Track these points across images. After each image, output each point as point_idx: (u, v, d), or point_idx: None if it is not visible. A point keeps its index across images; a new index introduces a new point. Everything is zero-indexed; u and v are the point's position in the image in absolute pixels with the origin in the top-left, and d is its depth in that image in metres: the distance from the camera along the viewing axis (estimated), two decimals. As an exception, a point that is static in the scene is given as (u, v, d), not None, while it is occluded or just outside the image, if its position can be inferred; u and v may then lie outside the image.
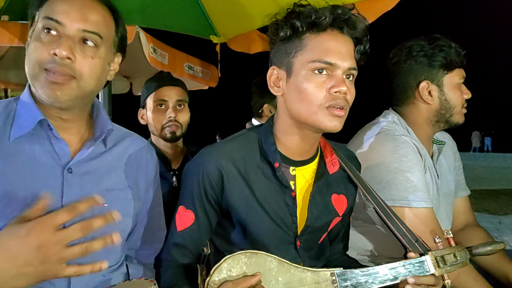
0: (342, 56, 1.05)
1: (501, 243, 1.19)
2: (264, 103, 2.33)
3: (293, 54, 1.09)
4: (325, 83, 1.05)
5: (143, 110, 1.87)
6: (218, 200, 1.16)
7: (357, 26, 1.08)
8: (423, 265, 1.07)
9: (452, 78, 1.48)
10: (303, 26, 1.07)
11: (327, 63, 1.04)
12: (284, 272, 1.02)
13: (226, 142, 1.19)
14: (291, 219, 1.17)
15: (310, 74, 1.06)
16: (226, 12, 2.77)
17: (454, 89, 1.49)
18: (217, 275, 0.98)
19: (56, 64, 0.92)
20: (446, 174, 1.63)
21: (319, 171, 1.21)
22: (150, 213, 1.19)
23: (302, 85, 1.06)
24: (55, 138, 0.98)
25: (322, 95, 1.05)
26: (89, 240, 0.97)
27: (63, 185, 0.96)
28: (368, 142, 1.49)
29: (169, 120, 1.77)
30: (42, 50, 0.93)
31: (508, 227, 5.15)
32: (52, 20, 0.94)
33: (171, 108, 1.78)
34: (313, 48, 1.06)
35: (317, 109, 1.06)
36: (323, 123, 1.07)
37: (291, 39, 1.09)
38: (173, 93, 1.80)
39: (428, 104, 1.51)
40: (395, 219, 1.19)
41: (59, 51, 0.91)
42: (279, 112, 1.18)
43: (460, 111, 1.50)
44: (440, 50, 1.46)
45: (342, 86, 1.04)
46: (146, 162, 1.17)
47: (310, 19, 1.06)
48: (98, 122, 1.07)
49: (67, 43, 0.93)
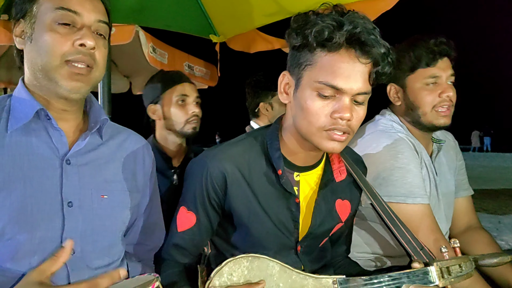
0: (352, 80, 0.98)
1: (508, 255, 1.14)
2: (259, 102, 2.32)
3: (303, 66, 1.03)
4: (328, 106, 1.00)
5: (156, 106, 1.86)
6: (220, 203, 1.14)
7: (375, 50, 0.97)
8: (427, 275, 1.04)
9: (415, 79, 1.47)
10: (315, 43, 0.99)
11: (334, 87, 0.98)
12: (285, 278, 1.00)
13: (231, 145, 1.17)
14: (293, 225, 1.16)
15: (315, 95, 1.00)
16: (226, 12, 2.77)
17: (419, 90, 1.46)
18: (218, 278, 0.96)
19: (82, 54, 0.93)
20: (446, 173, 1.62)
21: (324, 177, 1.18)
22: (148, 207, 1.19)
23: (306, 103, 1.02)
24: (52, 128, 0.97)
25: (323, 118, 1.00)
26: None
27: (62, 176, 0.95)
28: (365, 140, 1.50)
29: (194, 115, 1.82)
30: (63, 42, 0.92)
31: (507, 227, 5.16)
32: (69, 11, 0.93)
33: (193, 104, 1.83)
34: (323, 67, 0.99)
35: (316, 131, 1.02)
36: (320, 145, 1.04)
37: (303, 50, 1.02)
38: (192, 89, 1.86)
39: (397, 105, 1.54)
40: (401, 225, 1.18)
41: (87, 42, 0.93)
42: (286, 117, 1.15)
43: (430, 112, 1.45)
44: (403, 52, 1.46)
45: (345, 113, 0.98)
46: (143, 155, 1.16)
47: (322, 37, 0.97)
48: (92, 113, 1.07)
49: (91, 33, 0.95)
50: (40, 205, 0.91)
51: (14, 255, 0.88)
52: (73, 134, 1.03)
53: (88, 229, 0.97)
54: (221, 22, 2.92)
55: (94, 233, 0.98)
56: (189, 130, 1.82)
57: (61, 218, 0.93)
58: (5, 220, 0.88)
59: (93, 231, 0.98)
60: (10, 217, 0.88)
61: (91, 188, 0.99)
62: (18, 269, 0.88)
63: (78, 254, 0.94)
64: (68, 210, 0.94)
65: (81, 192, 0.97)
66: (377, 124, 1.54)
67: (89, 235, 0.97)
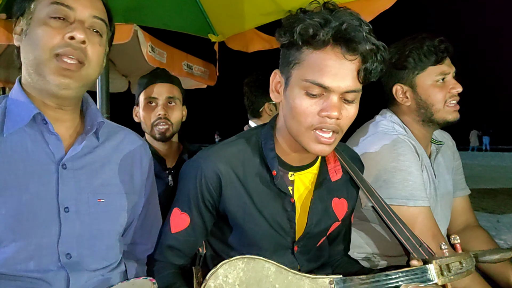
0: (339, 78, 0.96)
1: (509, 251, 1.13)
2: (265, 101, 2.22)
3: (292, 65, 1.01)
4: (316, 104, 0.99)
5: (137, 108, 1.83)
6: (215, 204, 1.14)
7: (361, 47, 0.94)
8: (425, 273, 1.02)
9: (425, 78, 1.48)
10: (300, 41, 0.97)
11: (320, 85, 0.96)
12: (282, 279, 0.99)
13: (225, 146, 1.15)
14: (289, 225, 1.15)
15: (303, 94, 0.99)
16: (225, 11, 2.78)
17: (430, 88, 1.48)
18: (213, 280, 0.95)
19: (72, 47, 0.91)
20: (444, 174, 1.63)
21: (320, 177, 1.17)
22: (146, 207, 1.18)
23: (294, 101, 1.01)
24: (48, 133, 0.95)
25: (311, 117, 0.99)
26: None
27: (58, 181, 0.94)
28: (366, 141, 1.49)
29: (158, 117, 1.71)
30: (53, 35, 0.91)
31: (506, 226, 5.16)
32: (62, 5, 0.93)
33: (160, 106, 1.73)
34: (310, 65, 0.98)
35: (304, 130, 1.01)
36: (308, 146, 1.03)
37: (291, 48, 1.01)
38: (163, 90, 1.74)
39: (406, 105, 1.53)
40: (399, 222, 1.17)
41: (77, 35, 0.91)
42: (279, 116, 1.15)
43: (443, 108, 1.48)
44: (409, 51, 1.47)
45: (333, 111, 0.96)
46: (140, 155, 1.15)
47: (307, 35, 0.95)
48: (89, 115, 1.06)
49: (82, 26, 0.93)
50: (36, 212, 0.90)
51: (10, 261, 0.87)
52: (70, 137, 1.01)
53: (85, 233, 0.96)
54: (220, 21, 2.92)
55: (91, 237, 0.97)
56: (156, 135, 1.73)
57: (58, 223, 0.92)
58: (1, 227, 0.87)
59: (90, 235, 0.97)
60: (6, 225, 0.87)
61: (88, 192, 0.98)
62: (15, 274, 0.87)
63: (75, 258, 0.94)
64: (64, 216, 0.93)
65: (77, 197, 0.96)
66: (378, 126, 1.53)
67: (86, 239, 0.96)
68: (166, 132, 1.73)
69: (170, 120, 1.73)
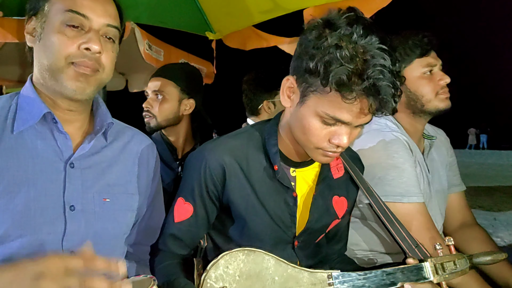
0: (354, 116, 0.97)
1: (503, 253, 1.15)
2: (263, 99, 2.21)
3: (312, 89, 0.99)
4: (329, 131, 1.01)
5: None
6: (219, 195, 1.15)
7: (388, 105, 0.95)
8: (421, 271, 1.06)
9: (412, 70, 1.51)
10: (330, 82, 0.92)
11: (339, 120, 0.98)
12: (281, 271, 1.01)
13: (230, 138, 1.18)
14: (290, 219, 1.17)
15: (319, 120, 1.01)
16: (222, 9, 2.77)
17: (419, 80, 1.50)
18: (214, 271, 0.98)
19: (87, 58, 0.94)
20: (438, 170, 1.64)
21: (322, 174, 1.20)
22: (150, 208, 1.19)
23: (308, 123, 1.02)
24: (58, 131, 0.97)
25: (322, 141, 1.03)
26: (91, 237, 0.97)
27: (65, 179, 0.96)
28: (360, 139, 1.50)
29: (144, 110, 1.85)
30: (69, 44, 0.93)
31: (503, 224, 5.18)
32: (78, 14, 0.94)
33: (147, 99, 1.85)
34: (332, 103, 0.96)
35: (312, 147, 1.05)
36: (313, 157, 1.09)
37: (316, 77, 0.96)
38: (152, 84, 1.85)
39: None
40: (396, 223, 1.19)
41: (92, 46, 0.93)
42: (285, 116, 1.16)
43: (433, 98, 1.50)
44: (395, 46, 1.47)
45: (343, 141, 1.01)
46: (147, 156, 1.16)
47: (339, 82, 0.91)
48: (98, 116, 1.08)
49: (97, 37, 0.95)
50: (43, 208, 0.92)
51: (14, 257, 0.88)
52: (78, 136, 1.03)
53: (90, 232, 0.97)
54: (217, 19, 2.92)
55: (96, 236, 0.98)
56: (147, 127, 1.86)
57: (63, 221, 0.94)
58: (8, 223, 0.88)
59: (95, 234, 0.98)
60: (14, 220, 0.88)
61: (93, 191, 1.00)
62: None
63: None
64: (70, 214, 0.95)
65: (83, 196, 0.98)
66: (371, 123, 1.53)
67: (91, 237, 0.96)
68: (149, 123, 1.83)
69: (151, 113, 1.83)
